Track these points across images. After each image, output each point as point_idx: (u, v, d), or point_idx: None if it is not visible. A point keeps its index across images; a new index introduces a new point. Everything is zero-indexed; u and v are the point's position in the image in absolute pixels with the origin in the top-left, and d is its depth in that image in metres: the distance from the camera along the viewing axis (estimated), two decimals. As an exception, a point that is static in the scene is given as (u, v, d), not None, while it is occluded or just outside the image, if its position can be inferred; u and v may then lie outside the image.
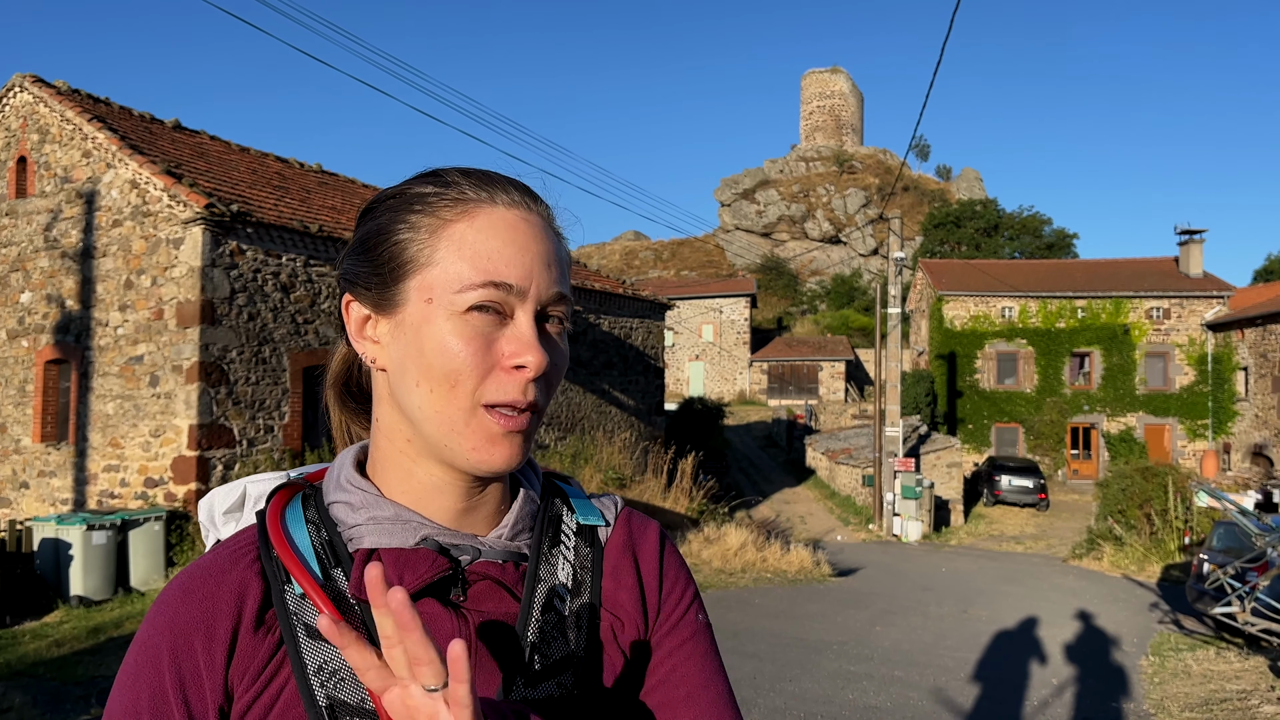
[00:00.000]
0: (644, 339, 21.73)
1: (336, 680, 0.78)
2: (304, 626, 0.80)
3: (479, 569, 0.86)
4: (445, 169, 0.89)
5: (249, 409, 12.01)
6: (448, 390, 0.81)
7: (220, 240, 11.67)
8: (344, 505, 0.87)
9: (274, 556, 0.83)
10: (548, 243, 0.86)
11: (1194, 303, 36.61)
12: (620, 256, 79.73)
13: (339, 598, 0.82)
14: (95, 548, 10.17)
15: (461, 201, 0.84)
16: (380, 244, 0.86)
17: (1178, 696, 8.35)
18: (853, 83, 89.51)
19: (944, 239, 63.18)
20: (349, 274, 0.89)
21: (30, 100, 13.40)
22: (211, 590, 0.81)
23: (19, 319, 13.35)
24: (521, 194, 0.87)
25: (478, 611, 0.85)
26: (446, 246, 0.83)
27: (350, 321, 0.89)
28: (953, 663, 9.33)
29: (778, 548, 15.51)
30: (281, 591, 0.81)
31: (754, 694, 7.62)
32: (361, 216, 0.91)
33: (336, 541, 0.85)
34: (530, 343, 0.81)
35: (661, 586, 0.96)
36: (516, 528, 0.90)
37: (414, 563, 0.83)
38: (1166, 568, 17.35)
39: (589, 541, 0.94)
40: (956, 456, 29.15)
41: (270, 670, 0.79)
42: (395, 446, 0.87)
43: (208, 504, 0.97)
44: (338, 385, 1.00)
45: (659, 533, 1.00)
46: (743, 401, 50.39)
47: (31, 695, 6.89)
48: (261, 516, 0.87)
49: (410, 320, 0.83)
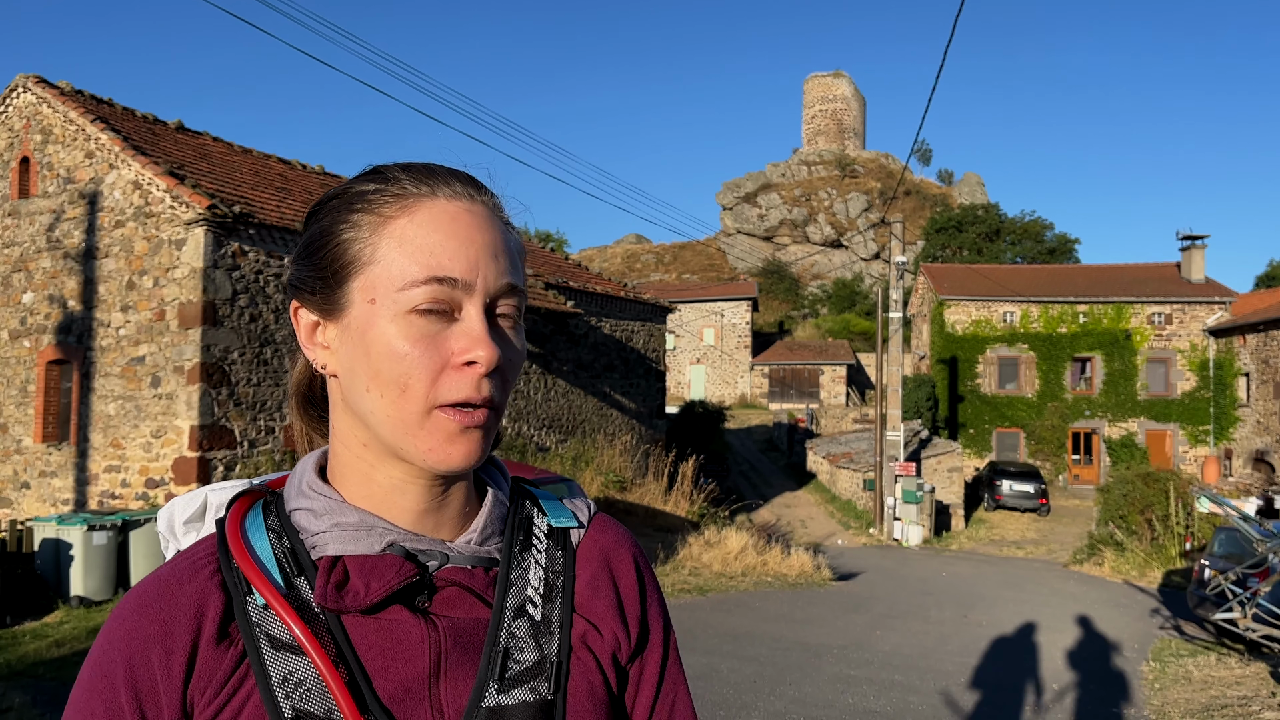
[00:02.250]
0: (645, 342, 21.73)
1: (302, 691, 0.76)
2: (267, 638, 0.78)
3: (447, 575, 0.85)
4: (387, 165, 0.86)
5: (250, 410, 12.02)
6: (398, 395, 0.79)
7: (222, 241, 11.68)
8: (306, 512, 0.85)
9: (234, 567, 0.81)
10: (494, 232, 0.83)
11: (1196, 308, 36.59)
12: (622, 259, 79.79)
13: (302, 607, 0.80)
14: (96, 548, 10.16)
15: (402, 197, 0.82)
16: (323, 246, 0.83)
17: (1178, 702, 8.33)
18: (855, 87, 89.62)
19: (946, 243, 63.22)
20: (295, 279, 0.87)
21: (34, 101, 13.41)
22: (169, 603, 0.79)
23: (21, 319, 13.36)
24: (465, 185, 0.85)
25: (447, 618, 0.83)
26: (388, 244, 0.80)
27: (300, 328, 0.87)
28: (953, 667, 9.32)
29: (778, 551, 15.50)
30: (244, 602, 0.79)
31: (754, 697, 7.61)
32: (307, 220, 0.89)
33: (299, 549, 0.83)
34: (480, 337, 0.79)
35: (644, 600, 0.95)
36: (486, 532, 0.88)
37: (380, 569, 0.81)
38: (1167, 573, 17.33)
39: (561, 544, 0.92)
40: (957, 461, 29.13)
41: (233, 683, 0.77)
42: (352, 452, 0.85)
43: (167, 514, 0.94)
44: (300, 393, 0.97)
45: (635, 546, 0.98)
46: (744, 405, 50.39)
47: (31, 695, 6.88)
48: (221, 525, 0.85)
49: (356, 324, 0.81)
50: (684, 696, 0.96)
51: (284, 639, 0.78)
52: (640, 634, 0.93)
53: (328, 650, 0.78)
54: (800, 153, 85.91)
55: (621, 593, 0.93)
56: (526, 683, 0.82)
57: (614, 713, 0.89)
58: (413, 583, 0.82)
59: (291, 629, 0.77)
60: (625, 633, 0.92)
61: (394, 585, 0.80)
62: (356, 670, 0.78)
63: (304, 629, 0.77)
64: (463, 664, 0.82)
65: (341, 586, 0.80)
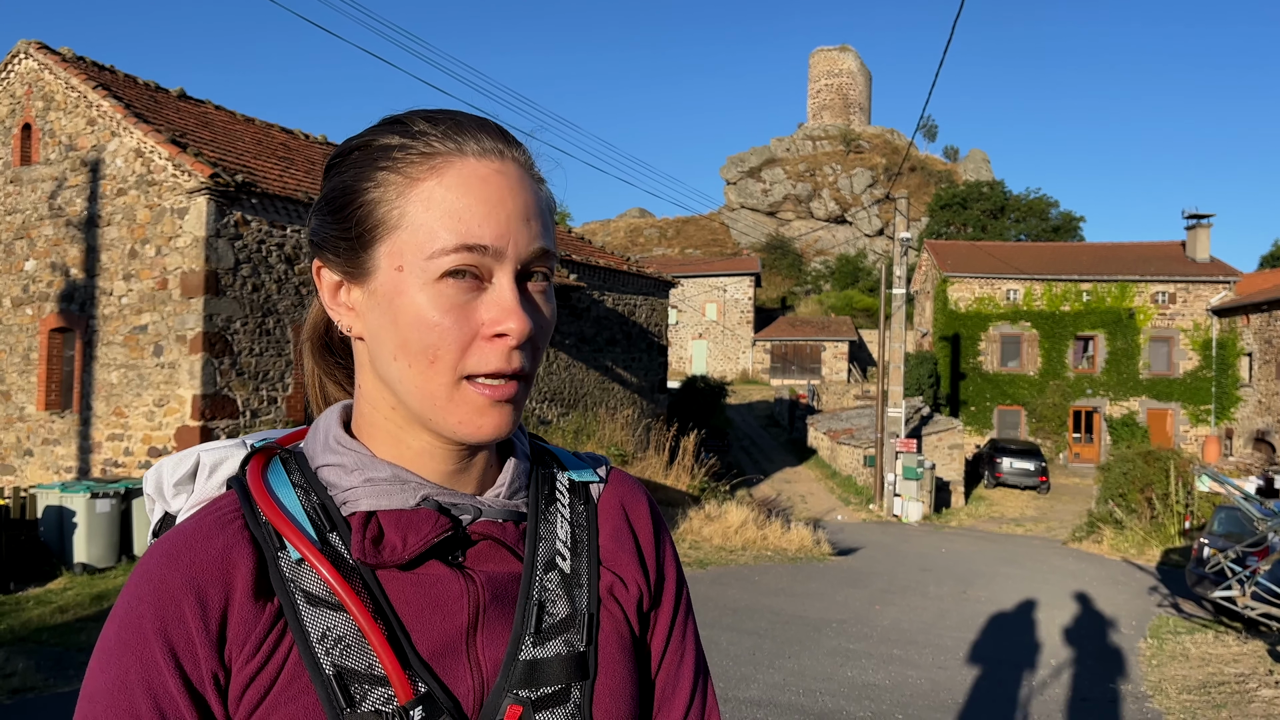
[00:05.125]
0: (648, 316, 21.70)
1: (342, 647, 0.75)
2: (303, 593, 0.76)
3: (480, 529, 0.84)
4: (410, 115, 0.82)
5: (253, 380, 12.02)
6: (426, 365, 0.77)
7: (225, 210, 11.64)
8: (335, 468, 0.83)
9: (263, 522, 0.79)
10: (526, 194, 0.80)
11: (1200, 288, 36.48)
12: (625, 234, 79.54)
13: (339, 561, 0.78)
14: (99, 516, 10.21)
15: (430, 156, 0.78)
16: (347, 204, 0.81)
17: (1175, 679, 8.38)
18: (861, 62, 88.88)
19: (950, 220, 62.95)
20: (318, 237, 0.84)
21: (35, 67, 13.32)
22: (199, 556, 0.76)
23: (24, 287, 13.34)
24: (494, 140, 0.81)
25: (482, 571, 0.83)
26: (415, 208, 0.77)
27: (323, 288, 0.84)
28: (951, 642, 9.37)
29: (778, 526, 15.56)
30: (276, 558, 0.77)
31: (753, 670, 7.66)
32: (327, 171, 0.85)
33: (329, 505, 0.81)
34: (512, 308, 0.76)
35: (660, 555, 0.96)
36: (514, 486, 0.88)
37: (416, 524, 0.80)
38: (1166, 552, 17.39)
39: (583, 499, 0.93)
40: (958, 438, 29.16)
41: (271, 641, 0.76)
42: (380, 413, 0.83)
43: (155, 474, 0.89)
44: (316, 338, 0.95)
45: (649, 498, 0.99)
46: (745, 381, 50.39)
47: (35, 661, 6.93)
48: (240, 483, 0.82)
49: (383, 290, 0.79)
50: (693, 649, 0.97)
51: (320, 594, 0.77)
52: (658, 584, 0.95)
53: (366, 605, 0.77)
54: (805, 127, 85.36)
55: (641, 544, 0.94)
56: (560, 635, 0.83)
57: (640, 662, 0.90)
58: (448, 537, 0.82)
59: (331, 583, 0.76)
60: (646, 583, 0.93)
61: (431, 539, 0.80)
62: (396, 625, 0.78)
63: (342, 583, 0.76)
64: (498, 618, 0.82)
65: (378, 541, 0.79)
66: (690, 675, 0.94)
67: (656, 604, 0.94)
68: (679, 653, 0.95)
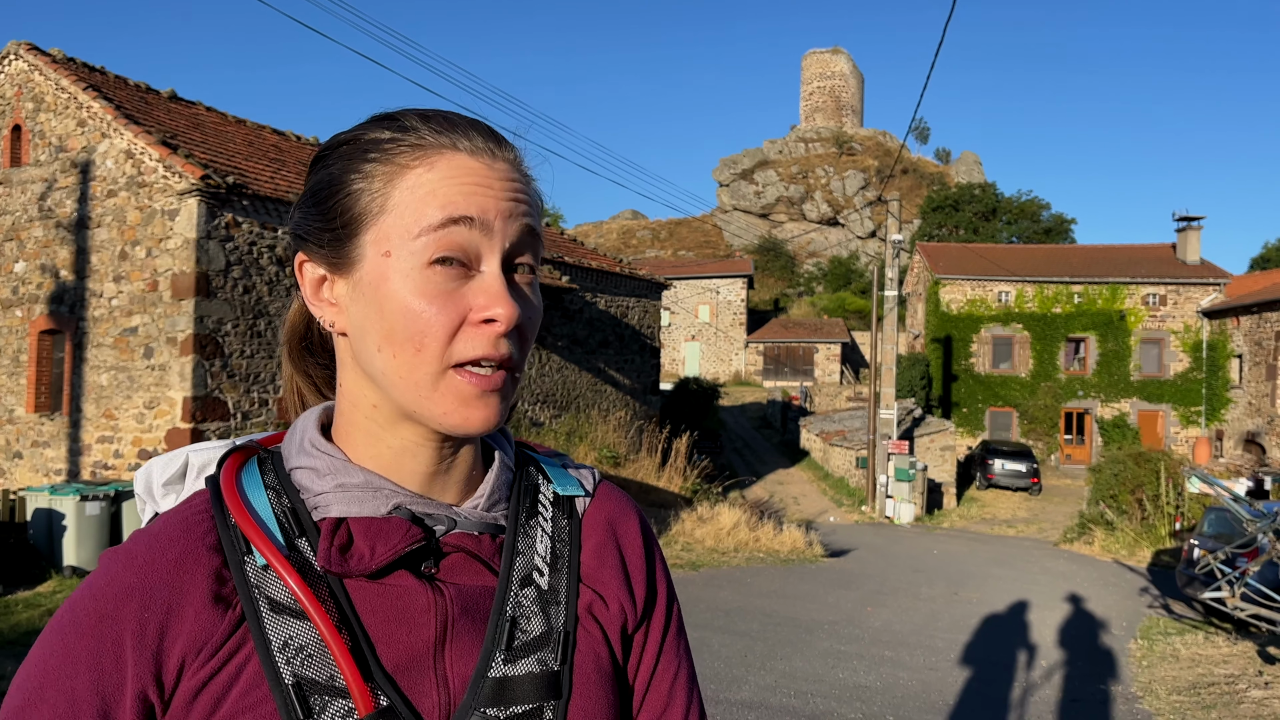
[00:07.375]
0: (640, 318, 21.70)
1: (304, 657, 0.73)
2: (266, 600, 0.74)
3: (453, 540, 0.82)
4: (402, 111, 0.81)
5: (243, 382, 11.99)
6: (413, 353, 0.75)
7: (216, 212, 11.60)
8: (308, 471, 0.81)
9: (231, 524, 0.77)
10: (516, 187, 0.80)
11: (1190, 290, 36.62)
12: (617, 235, 79.55)
13: (304, 569, 0.76)
14: (88, 518, 10.16)
15: (420, 148, 0.77)
16: (332, 196, 0.79)
17: (1165, 680, 8.41)
18: (853, 64, 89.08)
19: (942, 222, 63.09)
20: (300, 229, 0.82)
21: (25, 68, 13.28)
22: (155, 558, 0.75)
23: (13, 289, 13.29)
24: (486, 139, 0.80)
25: (453, 585, 0.80)
26: (401, 193, 0.76)
27: (305, 283, 0.82)
28: (943, 644, 9.38)
29: (771, 528, 15.57)
30: (241, 562, 0.76)
31: (745, 671, 7.66)
32: (313, 165, 0.84)
33: (300, 509, 0.79)
34: (499, 294, 0.75)
35: (650, 570, 0.93)
36: (493, 498, 0.85)
37: (386, 532, 0.78)
38: (1157, 553, 17.44)
39: (567, 513, 0.90)
40: (950, 440, 29.22)
41: (230, 647, 0.73)
42: (361, 412, 0.81)
43: (145, 474, 0.88)
44: (295, 339, 0.93)
45: (639, 514, 0.96)
46: (738, 382, 50.44)
47: (24, 664, 6.90)
48: (214, 482, 0.81)
49: (368, 278, 0.77)
50: (686, 668, 0.93)
51: (284, 602, 0.75)
52: (646, 604, 0.91)
53: (330, 614, 0.75)
54: (798, 130, 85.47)
55: (627, 562, 0.91)
56: (534, 653, 0.80)
57: (618, 684, 0.86)
58: (419, 548, 0.79)
59: (294, 591, 0.74)
60: (631, 603, 0.89)
61: (400, 549, 0.77)
62: (360, 636, 0.75)
63: (306, 591, 0.74)
64: (469, 633, 0.79)
65: (345, 549, 0.77)
66: (684, 696, 0.91)
67: (646, 622, 0.91)
68: (672, 672, 0.92)
